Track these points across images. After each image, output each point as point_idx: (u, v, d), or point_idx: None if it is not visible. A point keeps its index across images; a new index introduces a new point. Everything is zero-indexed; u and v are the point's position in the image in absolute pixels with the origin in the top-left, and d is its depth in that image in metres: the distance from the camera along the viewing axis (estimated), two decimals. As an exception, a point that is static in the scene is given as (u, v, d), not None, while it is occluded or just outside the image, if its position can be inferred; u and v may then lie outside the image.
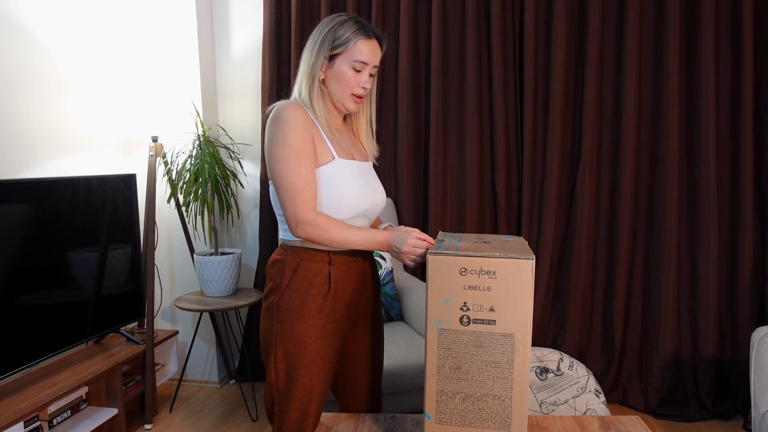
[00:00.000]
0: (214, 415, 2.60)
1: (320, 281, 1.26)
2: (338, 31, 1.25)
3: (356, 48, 1.25)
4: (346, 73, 1.26)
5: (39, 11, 2.37)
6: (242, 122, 2.96)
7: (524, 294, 1.02)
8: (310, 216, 1.20)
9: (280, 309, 1.26)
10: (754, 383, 1.74)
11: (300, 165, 1.20)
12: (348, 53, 1.25)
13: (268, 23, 2.76)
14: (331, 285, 1.27)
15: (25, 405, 1.92)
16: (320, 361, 1.26)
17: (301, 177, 1.20)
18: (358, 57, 1.25)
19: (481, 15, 2.61)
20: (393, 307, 2.54)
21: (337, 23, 1.26)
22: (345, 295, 1.30)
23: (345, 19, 1.27)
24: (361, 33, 1.25)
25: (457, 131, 2.70)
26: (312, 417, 1.29)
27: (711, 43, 2.39)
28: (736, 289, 2.50)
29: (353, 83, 1.27)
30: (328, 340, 1.27)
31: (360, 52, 1.25)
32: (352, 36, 1.25)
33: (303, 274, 1.26)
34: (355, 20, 1.27)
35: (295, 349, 1.24)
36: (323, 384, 1.28)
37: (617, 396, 2.60)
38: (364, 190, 1.29)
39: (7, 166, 2.23)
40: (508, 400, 1.05)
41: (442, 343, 1.06)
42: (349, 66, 1.25)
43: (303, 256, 1.27)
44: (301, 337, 1.24)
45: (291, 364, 1.25)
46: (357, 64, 1.25)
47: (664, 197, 2.51)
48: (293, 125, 1.21)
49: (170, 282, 2.96)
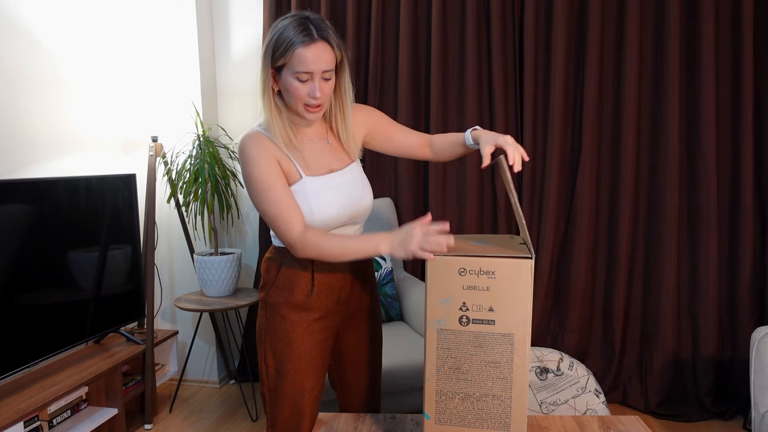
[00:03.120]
0: (214, 415, 2.60)
1: (303, 280, 1.28)
2: (278, 41, 1.16)
3: (295, 58, 1.14)
4: (293, 84, 1.17)
5: (39, 11, 2.37)
6: (242, 122, 2.96)
7: (523, 294, 1.02)
8: (297, 237, 1.18)
9: (267, 306, 1.30)
10: (754, 383, 1.74)
11: (270, 191, 1.19)
12: (289, 64, 1.15)
13: (268, 23, 2.76)
14: (314, 284, 1.28)
15: (25, 405, 1.92)
16: (308, 357, 1.28)
17: (275, 202, 1.19)
18: (298, 68, 1.15)
19: (481, 15, 2.61)
20: (393, 307, 2.54)
21: (278, 30, 1.17)
22: (332, 294, 1.31)
23: (286, 24, 1.16)
24: (299, 40, 1.13)
25: (457, 131, 2.70)
26: (307, 413, 1.30)
27: (711, 43, 2.39)
28: (736, 289, 2.50)
29: (302, 94, 1.18)
30: (315, 336, 1.29)
31: (299, 62, 1.14)
32: (290, 45, 1.14)
33: (286, 274, 1.28)
34: (296, 23, 1.15)
35: (282, 345, 1.27)
36: (314, 380, 1.30)
37: (617, 396, 2.60)
38: (340, 202, 1.26)
39: (7, 166, 2.23)
40: (508, 400, 1.05)
41: (442, 343, 1.06)
42: (293, 77, 1.16)
43: (287, 256, 1.29)
44: (287, 334, 1.27)
45: (279, 361, 1.28)
46: (301, 75, 1.15)
47: (664, 197, 2.51)
48: (254, 159, 1.19)
49: (170, 282, 2.96)
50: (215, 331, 2.87)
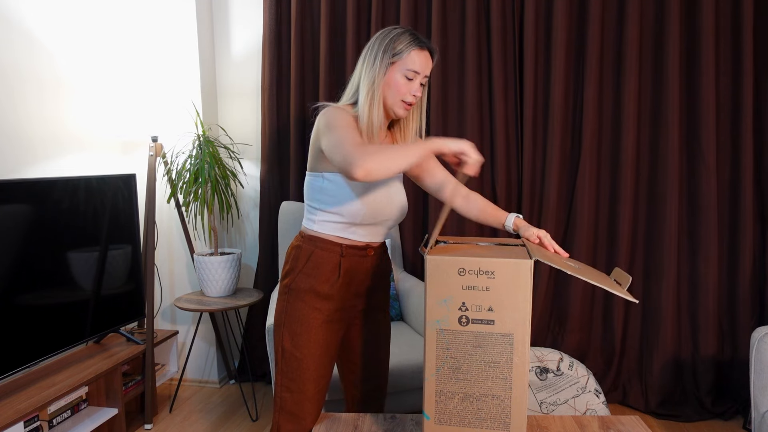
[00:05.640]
0: (214, 415, 2.60)
1: (330, 269, 1.34)
2: (397, 40, 1.32)
3: (410, 58, 1.32)
4: (399, 81, 1.32)
5: (38, 11, 2.37)
6: (242, 122, 2.96)
7: (523, 294, 1.02)
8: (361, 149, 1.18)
9: (291, 291, 1.36)
10: (754, 383, 1.74)
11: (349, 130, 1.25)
12: (402, 63, 1.32)
13: (268, 23, 2.76)
14: (341, 274, 1.35)
15: (25, 405, 1.92)
16: (324, 345, 1.35)
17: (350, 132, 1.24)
18: (410, 66, 1.32)
19: (481, 15, 2.61)
20: (393, 307, 2.54)
21: (395, 35, 1.33)
22: (353, 286, 1.38)
23: (401, 32, 1.34)
24: (415, 44, 1.32)
25: (457, 131, 2.70)
26: (314, 399, 1.35)
27: (711, 43, 2.39)
28: (736, 289, 2.50)
29: (404, 91, 1.33)
30: (333, 325, 1.37)
31: (413, 61, 1.32)
32: (406, 47, 1.32)
33: (315, 261, 1.35)
34: (410, 32, 1.34)
35: (302, 330, 1.33)
36: (325, 368, 1.37)
37: (617, 396, 2.60)
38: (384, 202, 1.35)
39: (7, 166, 2.23)
40: (507, 400, 1.05)
41: (441, 343, 1.06)
42: (401, 75, 1.32)
43: (317, 245, 1.35)
44: (308, 320, 1.34)
45: (296, 345, 1.34)
46: (409, 73, 1.32)
47: (664, 197, 2.51)
48: (344, 116, 1.29)
49: (170, 282, 2.96)
50: (215, 331, 2.87)
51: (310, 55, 2.80)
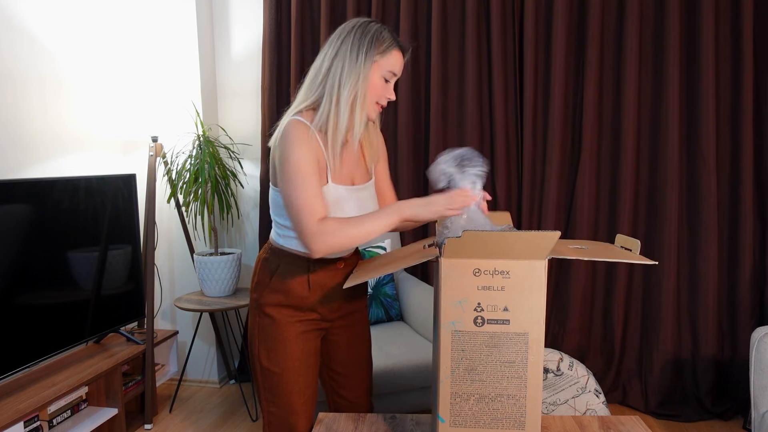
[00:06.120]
0: (214, 415, 2.60)
1: (299, 283, 1.29)
2: (379, 38, 1.19)
3: (392, 58, 1.21)
4: (377, 83, 1.21)
5: (40, 11, 2.37)
6: (242, 122, 2.96)
7: (537, 293, 1.02)
8: (317, 227, 1.14)
9: (261, 306, 1.30)
10: (754, 383, 1.74)
11: (305, 180, 1.15)
12: (385, 63, 1.20)
13: (268, 23, 2.76)
14: (311, 287, 1.29)
15: (25, 405, 1.92)
16: (301, 356, 1.30)
17: (307, 190, 1.15)
18: (391, 68, 1.21)
19: (481, 15, 2.61)
20: (393, 307, 2.54)
21: (375, 31, 1.20)
22: (326, 297, 1.32)
23: (379, 27, 1.21)
24: (396, 43, 1.21)
25: (457, 131, 2.70)
26: (301, 411, 1.31)
27: (711, 43, 2.39)
28: (736, 289, 2.50)
29: (381, 93, 1.23)
30: (308, 335, 1.32)
31: (394, 62, 1.22)
32: (389, 47, 1.20)
33: (282, 275, 1.28)
34: (386, 29, 1.22)
35: (276, 345, 1.28)
36: (307, 378, 1.32)
37: (617, 396, 2.60)
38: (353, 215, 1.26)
39: (7, 166, 2.23)
40: (523, 399, 1.06)
41: (457, 344, 1.06)
42: (380, 76, 1.21)
43: (284, 259, 1.29)
44: (281, 334, 1.28)
45: (272, 360, 1.29)
46: (388, 75, 1.22)
47: (664, 197, 2.51)
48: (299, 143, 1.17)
49: (170, 282, 2.96)
50: (215, 331, 2.87)
51: (310, 55, 2.80)
